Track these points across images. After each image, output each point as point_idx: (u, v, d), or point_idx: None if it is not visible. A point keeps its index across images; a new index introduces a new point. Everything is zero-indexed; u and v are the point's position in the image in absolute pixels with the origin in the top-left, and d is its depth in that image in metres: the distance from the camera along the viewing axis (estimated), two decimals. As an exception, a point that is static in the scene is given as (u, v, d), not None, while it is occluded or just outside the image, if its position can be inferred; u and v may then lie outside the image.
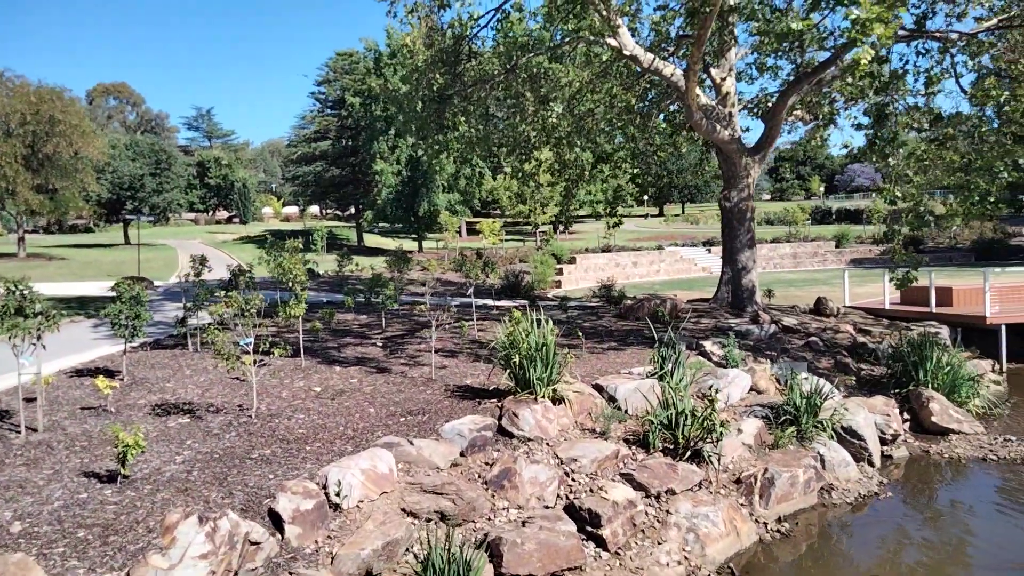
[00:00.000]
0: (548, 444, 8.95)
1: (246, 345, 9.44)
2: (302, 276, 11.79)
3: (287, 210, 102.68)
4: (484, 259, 28.76)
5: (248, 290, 12.81)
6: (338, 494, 6.89)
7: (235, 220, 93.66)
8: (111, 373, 10.99)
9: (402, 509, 7.13)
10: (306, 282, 11.98)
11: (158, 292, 23.63)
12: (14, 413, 8.78)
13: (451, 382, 11.12)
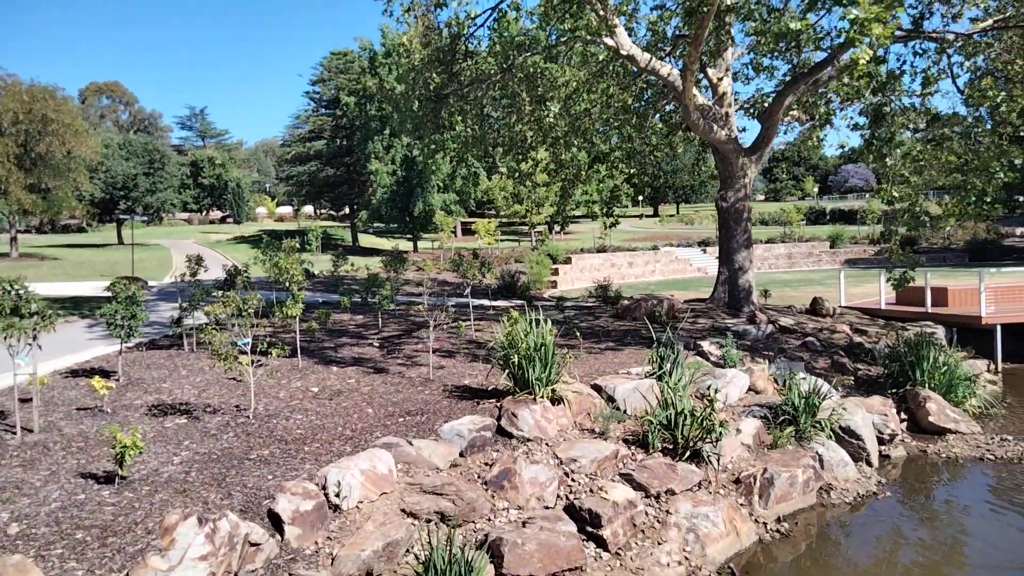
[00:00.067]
0: (547, 444, 8.93)
1: (244, 345, 9.38)
2: (299, 276, 11.75)
3: (281, 210, 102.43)
4: (481, 259, 28.72)
5: (245, 290, 12.75)
6: (338, 495, 6.85)
7: (229, 220, 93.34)
8: (106, 373, 10.92)
9: (402, 510, 7.10)
10: (303, 282, 11.95)
11: (152, 292, 23.54)
12: (9, 414, 8.71)
13: (449, 382, 11.09)
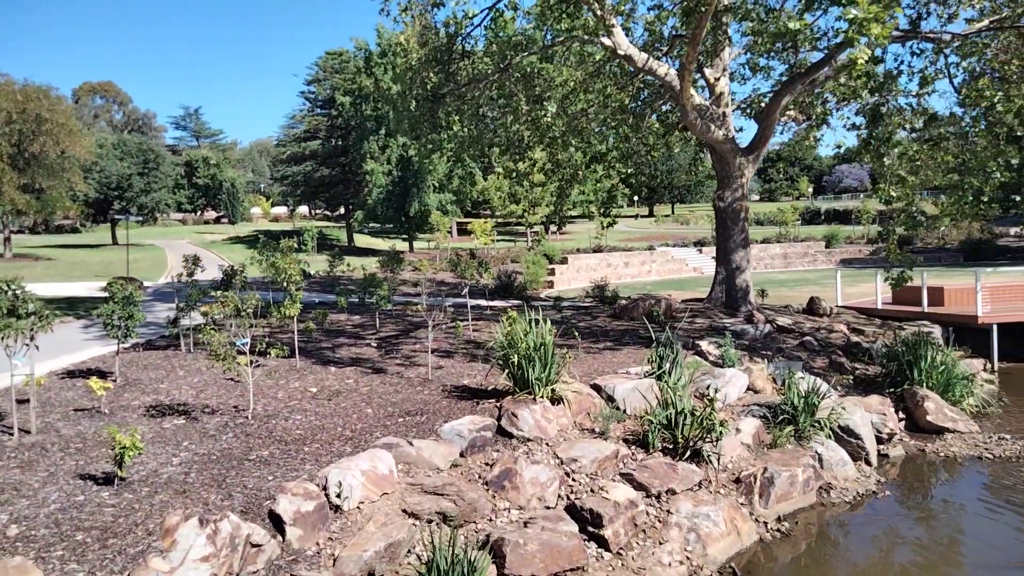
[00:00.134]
0: (548, 444, 8.91)
1: (242, 345, 9.34)
2: (297, 276, 11.71)
3: (276, 210, 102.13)
4: (479, 259, 28.70)
5: (243, 290, 12.70)
6: (339, 495, 6.82)
7: (223, 220, 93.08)
8: (103, 374, 10.85)
9: (403, 510, 7.07)
10: (301, 282, 11.91)
11: (148, 293, 23.42)
12: (6, 415, 8.64)
13: (448, 382, 11.06)
